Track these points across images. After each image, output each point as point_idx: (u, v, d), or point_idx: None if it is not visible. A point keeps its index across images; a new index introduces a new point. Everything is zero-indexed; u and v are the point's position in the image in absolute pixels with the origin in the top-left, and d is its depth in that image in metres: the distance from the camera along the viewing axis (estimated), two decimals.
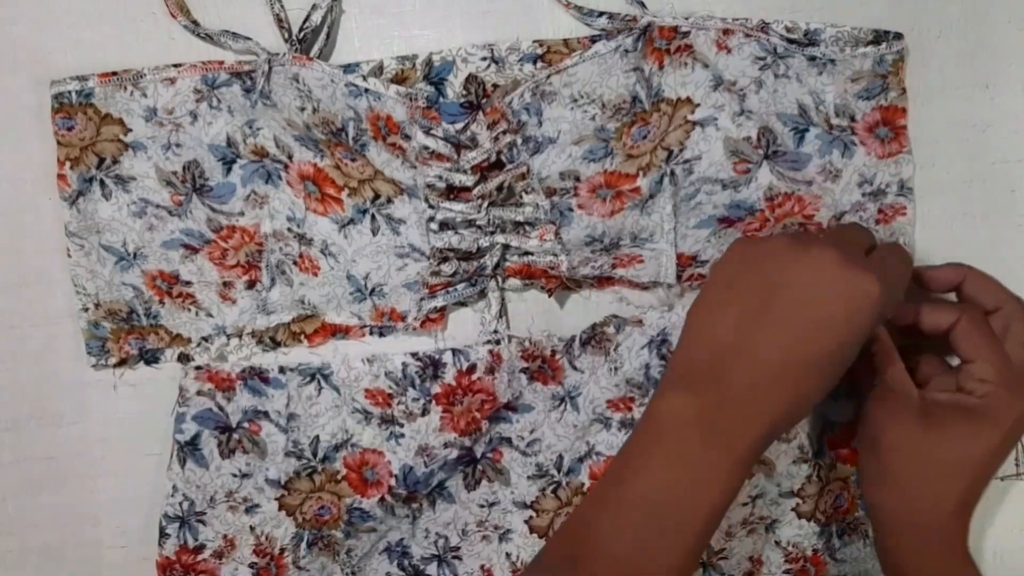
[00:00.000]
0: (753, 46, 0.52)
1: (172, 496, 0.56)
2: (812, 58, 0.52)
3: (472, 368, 0.56)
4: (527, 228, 0.54)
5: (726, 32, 0.52)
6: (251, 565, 0.57)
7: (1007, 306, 0.51)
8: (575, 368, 0.56)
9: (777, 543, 0.58)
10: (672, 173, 0.53)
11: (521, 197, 0.53)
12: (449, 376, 0.56)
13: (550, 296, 0.57)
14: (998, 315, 0.51)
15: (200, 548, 0.57)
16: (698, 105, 0.53)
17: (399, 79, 0.54)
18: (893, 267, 0.47)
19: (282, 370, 0.56)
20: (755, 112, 0.53)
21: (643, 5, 0.53)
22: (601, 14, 0.53)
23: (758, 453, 0.44)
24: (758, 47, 0.52)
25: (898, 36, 0.53)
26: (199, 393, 0.56)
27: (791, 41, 0.52)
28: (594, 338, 0.56)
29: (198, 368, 0.56)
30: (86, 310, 0.56)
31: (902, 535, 0.50)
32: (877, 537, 0.52)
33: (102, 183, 0.54)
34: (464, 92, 0.54)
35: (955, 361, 0.52)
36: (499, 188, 0.53)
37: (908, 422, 0.49)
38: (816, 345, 0.43)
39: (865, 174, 0.54)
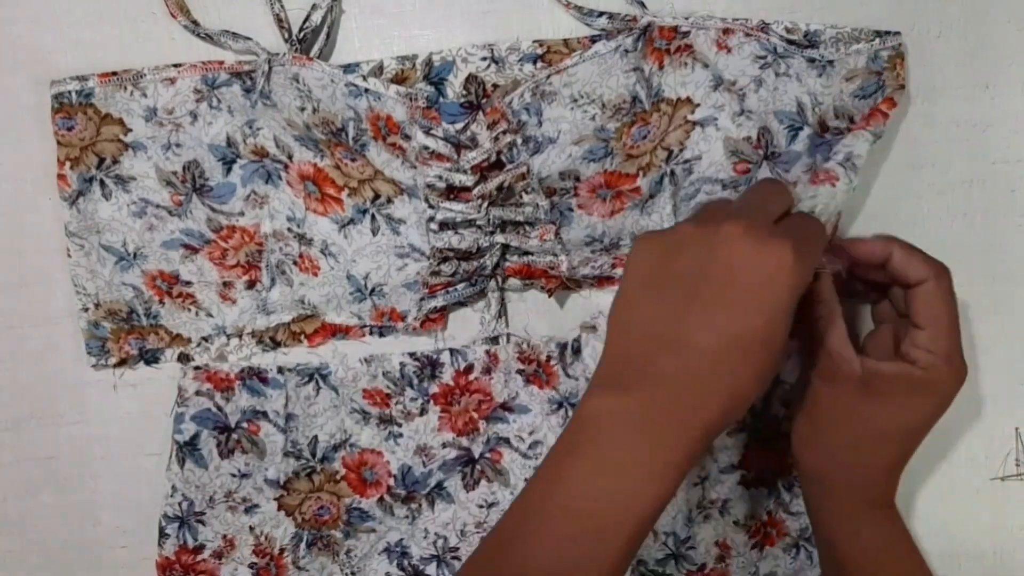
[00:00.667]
0: (753, 45, 0.52)
1: (171, 496, 0.56)
2: (811, 60, 0.52)
3: (470, 368, 0.56)
4: (527, 228, 0.54)
5: (726, 32, 0.52)
6: (251, 565, 0.57)
7: (930, 282, 0.49)
8: (568, 375, 0.56)
9: (736, 523, 0.58)
10: (672, 173, 0.53)
11: (521, 197, 0.53)
12: (447, 376, 0.56)
13: (550, 296, 0.57)
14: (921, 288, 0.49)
15: (200, 548, 0.57)
16: (698, 105, 0.53)
17: (399, 79, 0.54)
18: (805, 231, 0.45)
19: (280, 370, 0.56)
20: (755, 112, 0.53)
21: (643, 5, 0.53)
22: (601, 14, 0.53)
23: (695, 454, 0.42)
24: (758, 46, 0.52)
25: (895, 33, 0.52)
26: (198, 393, 0.56)
27: (791, 42, 0.52)
28: (583, 346, 0.56)
29: (197, 368, 0.56)
30: (86, 310, 0.56)
31: (831, 494, 0.51)
32: (806, 494, 0.53)
33: (102, 183, 0.54)
34: (464, 92, 0.54)
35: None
36: (499, 188, 0.53)
37: (847, 389, 0.49)
38: (742, 324, 0.41)
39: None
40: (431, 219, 0.53)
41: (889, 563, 0.51)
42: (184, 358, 0.57)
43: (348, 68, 0.53)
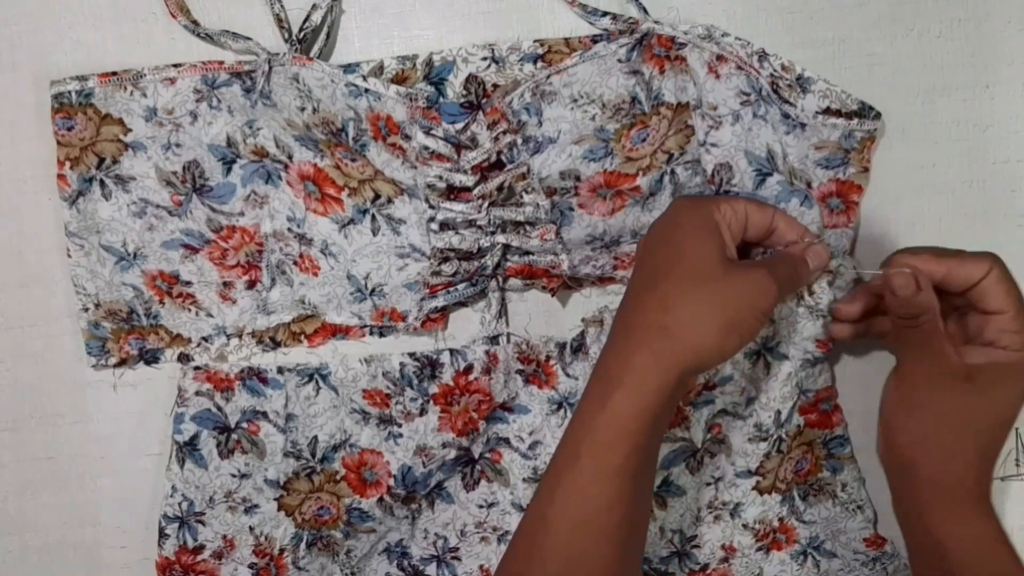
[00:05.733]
0: (741, 79, 0.52)
1: (171, 496, 0.56)
2: (786, 116, 0.52)
3: (469, 368, 0.56)
4: (527, 228, 0.54)
5: (720, 58, 0.52)
6: (251, 566, 0.57)
7: (994, 271, 0.50)
8: (568, 375, 0.56)
9: (744, 526, 0.58)
10: (673, 172, 0.53)
11: (521, 197, 0.53)
12: (447, 376, 0.56)
13: (553, 296, 0.57)
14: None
15: (199, 548, 0.57)
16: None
17: (399, 79, 0.54)
18: (749, 202, 0.50)
19: (280, 370, 0.56)
20: (722, 145, 0.53)
21: (645, 10, 0.53)
22: (605, 14, 0.53)
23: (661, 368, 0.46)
24: (746, 82, 0.52)
25: (876, 116, 0.52)
26: (197, 393, 0.56)
27: (775, 90, 0.52)
28: (582, 345, 0.56)
29: (196, 368, 0.56)
30: (86, 310, 0.56)
31: (932, 489, 0.52)
32: (899, 491, 0.53)
33: (102, 183, 0.54)
34: (464, 92, 0.54)
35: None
36: (499, 188, 0.53)
37: (950, 386, 0.50)
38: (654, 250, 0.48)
39: (819, 231, 0.54)
40: (431, 219, 0.53)
41: (988, 556, 0.51)
42: (184, 358, 0.57)
43: (348, 68, 0.53)
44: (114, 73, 0.53)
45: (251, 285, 0.56)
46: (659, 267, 0.47)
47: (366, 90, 0.52)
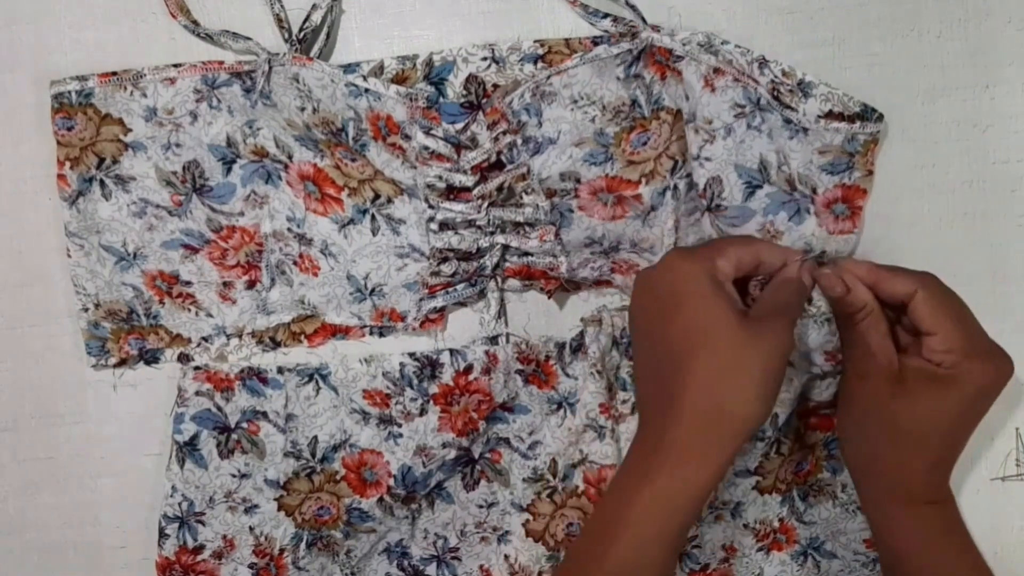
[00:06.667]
0: (737, 92, 0.52)
1: (171, 496, 0.56)
2: (788, 121, 0.52)
3: (469, 368, 0.56)
4: (527, 229, 0.54)
5: (716, 71, 0.52)
6: (251, 566, 0.57)
7: (919, 292, 0.50)
8: (567, 375, 0.56)
9: (745, 526, 0.58)
10: (675, 187, 0.53)
11: (521, 198, 0.53)
12: (447, 376, 0.56)
13: (549, 297, 0.57)
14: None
15: (199, 549, 0.57)
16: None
17: (399, 79, 0.54)
18: (733, 244, 0.50)
19: (280, 370, 0.56)
20: (715, 159, 0.53)
21: (642, 17, 0.53)
22: (606, 16, 0.53)
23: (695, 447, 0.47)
24: (742, 94, 0.52)
25: (879, 118, 0.52)
26: (197, 393, 0.56)
27: (776, 96, 0.52)
28: (582, 345, 0.56)
29: (196, 368, 0.56)
30: (86, 310, 0.56)
31: (876, 488, 0.54)
32: (856, 489, 0.56)
33: (102, 183, 0.54)
34: (464, 92, 0.54)
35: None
36: (499, 188, 0.53)
37: (883, 386, 0.51)
38: (672, 324, 0.47)
39: (813, 244, 0.54)
40: (431, 219, 0.53)
41: (936, 557, 0.53)
42: (184, 358, 0.57)
43: (348, 68, 0.53)
44: (114, 73, 0.53)
45: (251, 285, 0.56)
46: (686, 342, 0.47)
47: (366, 90, 0.52)
